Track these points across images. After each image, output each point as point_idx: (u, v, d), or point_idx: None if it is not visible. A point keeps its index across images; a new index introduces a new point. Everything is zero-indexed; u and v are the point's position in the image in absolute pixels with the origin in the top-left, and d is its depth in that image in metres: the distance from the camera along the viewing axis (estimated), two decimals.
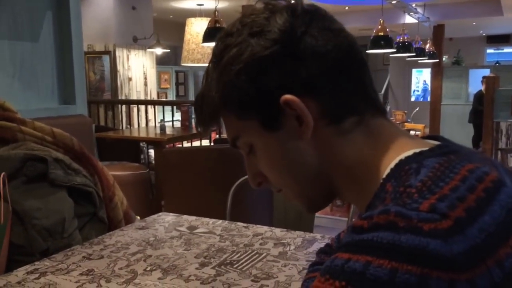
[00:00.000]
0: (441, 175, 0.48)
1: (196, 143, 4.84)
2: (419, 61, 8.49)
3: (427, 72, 11.48)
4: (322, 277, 0.46)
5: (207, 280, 1.02)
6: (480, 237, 0.43)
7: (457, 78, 10.62)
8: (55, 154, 1.40)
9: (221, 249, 1.21)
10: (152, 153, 4.58)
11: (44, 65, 2.35)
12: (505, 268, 0.43)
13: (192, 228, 1.38)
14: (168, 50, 6.77)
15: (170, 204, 3.05)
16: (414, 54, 6.67)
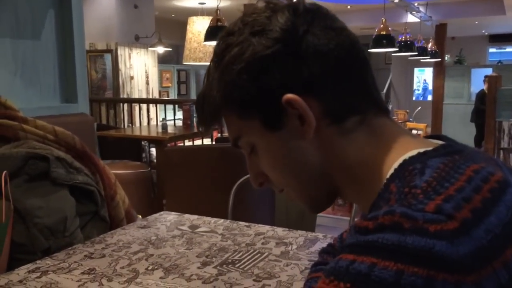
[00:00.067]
0: (446, 176, 0.47)
1: (198, 142, 4.84)
2: (421, 60, 8.47)
3: (429, 71, 11.46)
4: (327, 279, 0.45)
5: (209, 280, 1.02)
6: (486, 239, 0.42)
7: (459, 78, 10.60)
8: (57, 153, 1.40)
9: (223, 249, 1.20)
10: (154, 152, 4.58)
11: (46, 64, 2.35)
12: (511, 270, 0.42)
13: (194, 227, 1.38)
14: (170, 49, 6.76)
15: (172, 203, 3.05)
16: (416, 53, 6.65)
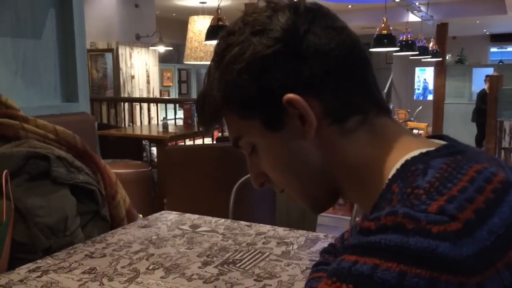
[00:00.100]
0: (449, 176, 0.47)
1: (199, 141, 4.84)
2: (422, 60, 8.46)
3: (430, 71, 11.45)
4: (329, 280, 0.45)
5: (210, 279, 1.02)
6: (490, 240, 0.42)
7: (461, 77, 10.59)
8: (58, 152, 1.40)
9: (224, 248, 1.20)
10: (155, 151, 4.58)
11: (47, 63, 2.35)
12: None
13: (195, 227, 1.38)
14: (171, 48, 6.76)
15: (173, 202, 3.05)
16: (418, 53, 6.65)
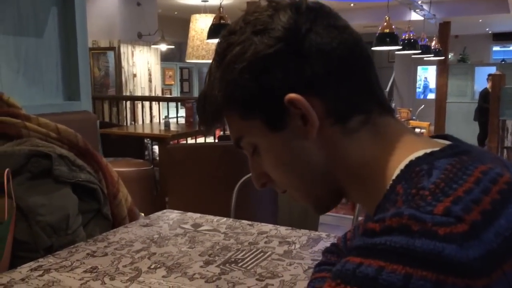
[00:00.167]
0: (454, 177, 0.46)
1: (201, 140, 4.84)
2: (425, 59, 8.44)
3: (432, 70, 11.43)
4: (333, 282, 0.45)
5: (212, 279, 1.02)
6: (496, 242, 0.41)
7: (463, 76, 10.57)
8: (60, 151, 1.39)
9: (226, 247, 1.20)
10: (157, 150, 4.58)
11: (49, 61, 2.35)
12: None
13: (197, 226, 1.38)
14: (173, 47, 6.75)
15: (174, 201, 3.05)
16: (420, 52, 6.63)
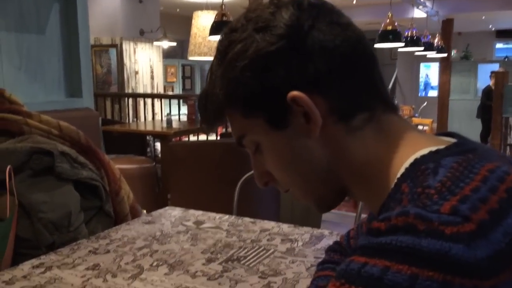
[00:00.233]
0: (460, 175, 0.46)
1: (203, 137, 4.84)
2: (427, 56, 8.40)
3: (435, 67, 11.39)
4: (337, 281, 0.44)
5: (214, 276, 1.01)
6: (504, 242, 0.41)
7: (466, 73, 10.54)
8: (61, 148, 1.39)
9: (228, 245, 1.20)
10: (159, 147, 4.58)
11: (51, 58, 2.35)
12: None
13: (199, 223, 1.37)
14: (175, 44, 6.74)
15: (177, 198, 3.05)
16: (423, 49, 6.60)
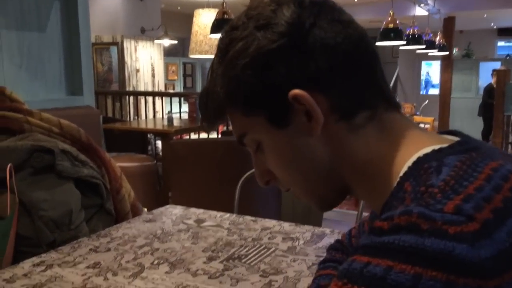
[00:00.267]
0: (464, 174, 0.45)
1: (204, 135, 4.83)
2: (429, 54, 8.39)
3: (436, 65, 11.38)
4: (340, 281, 0.44)
5: (215, 275, 1.01)
6: (509, 241, 0.40)
7: (467, 71, 10.52)
8: (62, 146, 1.39)
9: (229, 243, 1.19)
10: (160, 145, 4.58)
11: (52, 56, 2.34)
12: None
13: (200, 221, 1.37)
14: (176, 42, 6.73)
15: (178, 196, 3.05)
16: (424, 47, 6.59)
